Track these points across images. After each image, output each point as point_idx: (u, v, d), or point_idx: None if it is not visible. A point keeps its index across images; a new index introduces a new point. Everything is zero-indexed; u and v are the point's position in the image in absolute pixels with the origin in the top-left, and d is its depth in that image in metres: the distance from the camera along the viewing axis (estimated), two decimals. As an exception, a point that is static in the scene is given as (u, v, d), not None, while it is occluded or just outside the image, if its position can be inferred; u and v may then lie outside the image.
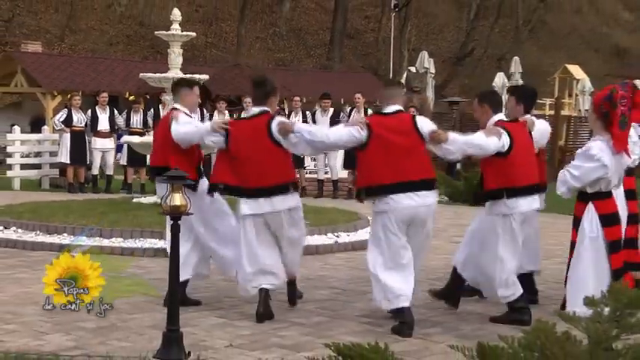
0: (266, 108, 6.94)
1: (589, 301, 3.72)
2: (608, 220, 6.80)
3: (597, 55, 50.90)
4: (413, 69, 27.39)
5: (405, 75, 27.74)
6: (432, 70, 27.08)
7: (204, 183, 7.27)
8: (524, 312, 6.92)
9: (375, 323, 6.86)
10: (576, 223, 6.93)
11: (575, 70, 33.83)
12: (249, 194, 6.84)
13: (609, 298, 3.58)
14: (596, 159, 6.69)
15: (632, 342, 3.41)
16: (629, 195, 7.79)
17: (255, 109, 6.98)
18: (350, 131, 6.71)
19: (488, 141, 6.79)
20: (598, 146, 6.73)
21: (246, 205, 6.88)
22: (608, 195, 6.85)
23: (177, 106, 7.36)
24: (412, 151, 6.65)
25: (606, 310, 3.61)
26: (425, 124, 6.80)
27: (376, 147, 6.60)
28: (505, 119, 7.16)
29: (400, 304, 6.59)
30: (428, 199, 6.72)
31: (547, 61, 47.12)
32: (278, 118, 6.94)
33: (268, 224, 6.94)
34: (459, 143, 6.77)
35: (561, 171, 6.91)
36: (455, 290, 7.40)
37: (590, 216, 6.79)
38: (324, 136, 6.86)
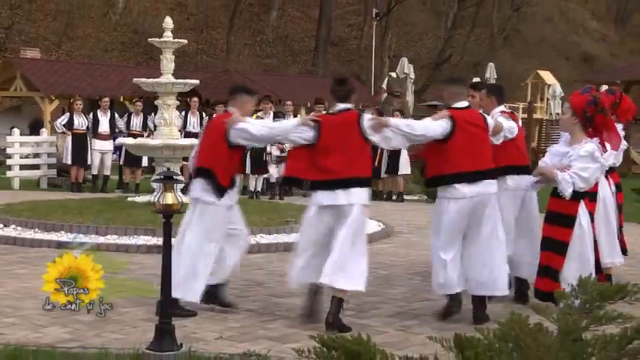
0: (350, 105, 6.74)
1: (560, 295, 3.72)
2: (592, 218, 6.90)
3: (567, 62, 51.10)
4: (393, 74, 27.42)
5: (386, 80, 27.77)
6: (412, 75, 27.13)
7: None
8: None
9: (358, 315, 6.86)
10: (563, 220, 6.78)
11: (547, 76, 33.98)
12: (330, 186, 6.52)
13: (580, 291, 3.59)
14: (598, 160, 6.73)
15: (601, 333, 3.42)
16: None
17: (341, 106, 6.73)
18: (441, 123, 6.69)
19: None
20: (593, 147, 6.74)
21: (324, 197, 6.55)
22: (589, 194, 6.90)
23: (232, 110, 6.92)
24: (486, 141, 6.83)
25: (576, 302, 3.63)
26: (489, 119, 6.99)
27: (460, 137, 6.65)
28: (506, 110, 7.39)
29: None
30: (492, 186, 6.77)
31: (520, 67, 47.26)
32: (368, 115, 6.83)
33: (336, 216, 6.57)
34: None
35: (563, 174, 6.76)
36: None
37: (585, 213, 6.80)
38: (423, 128, 6.75)
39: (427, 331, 6.22)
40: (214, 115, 7.01)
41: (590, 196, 6.89)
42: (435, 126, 6.72)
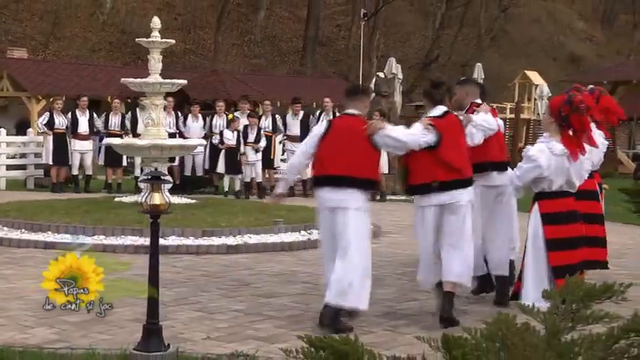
0: (446, 108, 6.77)
1: (547, 294, 3.73)
2: (551, 218, 6.82)
3: (554, 63, 51.27)
4: (381, 74, 27.43)
5: (374, 80, 27.76)
6: (400, 75, 27.14)
7: None
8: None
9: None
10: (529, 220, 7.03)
11: (534, 76, 34.09)
12: (452, 186, 6.56)
13: (566, 292, 3.60)
14: (532, 159, 6.75)
15: (588, 332, 3.44)
16: (588, 195, 7.80)
17: (442, 108, 6.73)
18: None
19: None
20: (537, 148, 6.80)
21: (436, 197, 6.55)
22: (555, 195, 6.85)
23: (354, 112, 6.64)
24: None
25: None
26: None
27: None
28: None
29: None
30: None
31: (508, 67, 47.39)
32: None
33: (445, 214, 6.59)
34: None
35: (512, 171, 7.00)
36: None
37: (535, 214, 6.86)
38: None
39: (415, 331, 6.23)
40: (330, 119, 6.76)
41: (554, 196, 6.87)
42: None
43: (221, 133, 16.80)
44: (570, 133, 6.80)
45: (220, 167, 16.77)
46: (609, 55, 53.31)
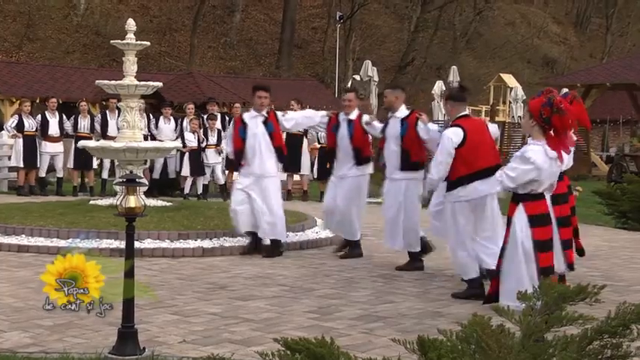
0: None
1: (522, 296, 3.76)
2: (537, 220, 6.86)
3: (528, 65, 51.60)
4: (357, 77, 27.50)
5: (349, 83, 27.82)
6: (376, 78, 27.23)
7: None
8: None
9: (322, 318, 6.87)
10: (509, 222, 7.02)
11: (509, 79, 34.27)
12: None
13: (541, 293, 3.63)
14: (531, 161, 6.75)
15: (562, 334, 3.46)
16: (560, 199, 7.83)
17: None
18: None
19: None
20: (534, 149, 6.79)
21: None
22: (539, 197, 6.90)
23: (467, 112, 8.02)
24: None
25: (538, 304, 3.66)
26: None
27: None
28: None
29: None
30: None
31: (483, 70, 47.62)
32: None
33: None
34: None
35: (498, 172, 6.98)
36: None
37: (520, 216, 6.86)
38: None
39: (391, 334, 6.24)
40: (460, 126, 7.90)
41: (539, 198, 6.90)
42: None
43: (182, 136, 16.77)
44: (552, 134, 6.84)
45: (185, 170, 16.77)
46: (582, 58, 53.76)
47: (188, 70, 33.94)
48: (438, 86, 29.32)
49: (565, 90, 7.57)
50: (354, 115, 9.86)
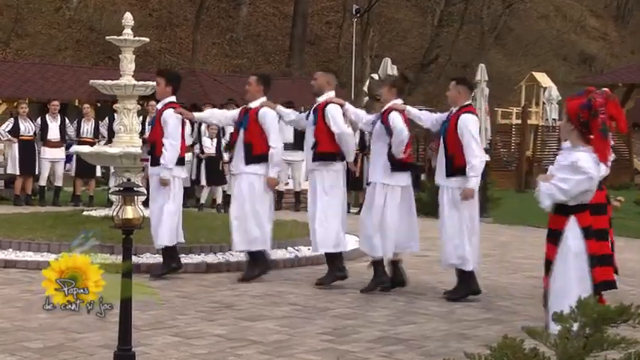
0: None
1: (557, 317, 3.74)
2: (592, 232, 6.81)
3: (564, 63, 51.54)
4: (375, 76, 27.44)
5: (367, 82, 27.83)
6: (396, 77, 27.19)
7: None
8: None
9: (337, 341, 6.86)
10: (553, 236, 6.86)
11: (542, 78, 34.20)
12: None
13: (578, 314, 3.61)
14: (583, 171, 6.63)
15: (603, 359, 3.44)
16: (598, 210, 7.77)
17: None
18: None
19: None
20: (585, 158, 6.67)
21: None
22: (587, 207, 6.82)
23: None
24: None
25: (575, 325, 3.64)
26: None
27: None
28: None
29: None
30: None
31: (513, 68, 47.57)
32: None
33: None
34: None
35: (544, 183, 6.81)
36: None
37: (574, 229, 6.75)
38: None
39: (413, 358, 6.22)
40: None
41: (589, 209, 6.86)
42: None
43: (200, 142, 16.76)
44: (597, 137, 6.75)
45: (202, 179, 16.72)
46: (623, 55, 53.63)
47: (190, 69, 34.08)
48: (465, 86, 29.21)
49: (605, 89, 7.48)
50: (255, 104, 9.54)
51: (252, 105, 9.54)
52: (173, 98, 9.72)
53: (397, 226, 8.90)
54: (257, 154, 9.37)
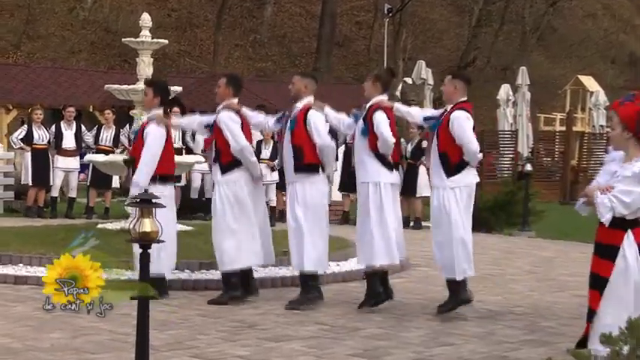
0: None
1: (607, 339, 3.72)
2: None
3: (612, 66, 51.26)
4: (409, 80, 27.50)
5: (400, 87, 27.83)
6: (430, 81, 27.20)
7: None
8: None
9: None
10: (604, 250, 6.77)
11: (589, 82, 34.07)
12: None
13: (629, 336, 3.59)
14: None
15: (654, 384, 3.42)
16: None
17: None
18: None
19: None
20: None
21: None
22: None
23: None
24: None
25: (625, 348, 3.62)
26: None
27: None
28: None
29: None
30: None
31: (557, 71, 47.38)
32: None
33: None
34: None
35: (603, 196, 6.73)
36: None
37: (629, 244, 6.68)
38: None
39: (449, 382, 6.20)
40: None
41: None
42: None
43: None
44: None
45: None
46: (677, 57, 53.19)
47: (211, 73, 34.23)
48: (505, 91, 29.20)
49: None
50: (220, 107, 9.53)
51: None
52: (160, 110, 9.53)
53: (397, 226, 8.97)
54: (227, 161, 9.24)
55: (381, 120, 8.78)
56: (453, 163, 8.61)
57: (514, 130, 28.16)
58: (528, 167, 17.77)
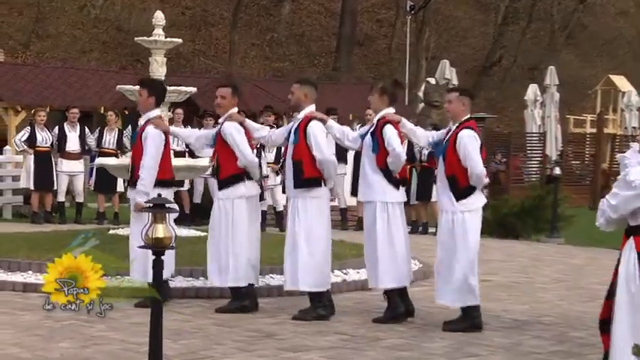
0: None
1: (637, 350, 3.71)
2: None
3: (645, 65, 51.00)
4: (432, 80, 27.47)
5: (422, 87, 27.80)
6: (455, 81, 27.15)
7: None
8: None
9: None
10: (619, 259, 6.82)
11: (620, 82, 33.92)
12: None
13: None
14: (634, 186, 6.56)
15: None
16: None
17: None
18: None
19: None
20: (638, 171, 6.60)
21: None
22: None
23: None
24: None
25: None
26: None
27: None
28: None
29: None
30: None
31: (587, 71, 47.21)
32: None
33: None
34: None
35: (602, 199, 6.80)
36: None
37: (628, 253, 6.67)
38: None
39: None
40: None
41: None
42: None
43: None
44: None
45: None
46: None
47: (227, 73, 34.33)
48: (532, 91, 29.14)
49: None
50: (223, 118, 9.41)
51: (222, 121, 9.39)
52: (157, 112, 9.48)
53: (406, 245, 8.90)
54: (225, 176, 9.23)
55: (391, 135, 8.65)
56: (462, 187, 8.46)
57: (542, 133, 28.08)
58: (557, 171, 17.72)
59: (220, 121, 9.40)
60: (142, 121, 9.55)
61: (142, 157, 9.20)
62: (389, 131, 8.66)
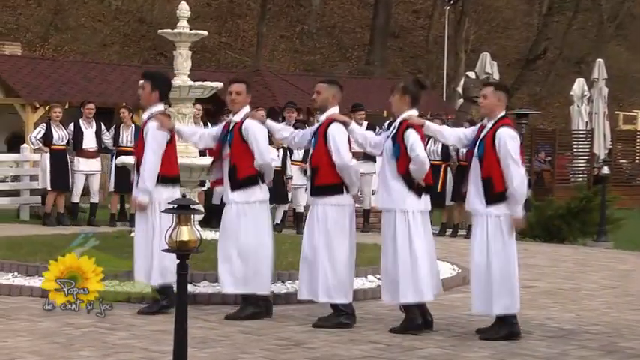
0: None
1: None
2: None
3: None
4: (472, 74, 27.38)
5: (462, 82, 27.72)
6: (496, 75, 27.05)
7: None
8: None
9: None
10: None
11: (673, 76, 33.62)
12: None
13: None
14: None
15: None
16: None
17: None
18: None
19: None
20: None
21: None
22: None
23: None
24: None
25: None
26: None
27: None
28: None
29: None
30: None
31: (638, 64, 46.88)
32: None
33: None
34: None
35: None
36: None
37: None
38: None
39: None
40: None
41: None
42: None
43: None
44: None
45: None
46: None
47: (255, 67, 34.38)
48: (579, 86, 28.96)
49: None
50: (239, 116, 9.37)
51: (237, 118, 9.35)
52: (161, 106, 9.46)
53: (430, 256, 8.76)
54: (244, 177, 9.22)
55: (415, 140, 8.51)
56: (497, 192, 8.37)
57: (589, 130, 27.92)
58: (605, 170, 17.62)
59: (236, 118, 9.32)
60: (144, 116, 9.53)
61: (144, 154, 9.23)
62: (412, 136, 8.52)
